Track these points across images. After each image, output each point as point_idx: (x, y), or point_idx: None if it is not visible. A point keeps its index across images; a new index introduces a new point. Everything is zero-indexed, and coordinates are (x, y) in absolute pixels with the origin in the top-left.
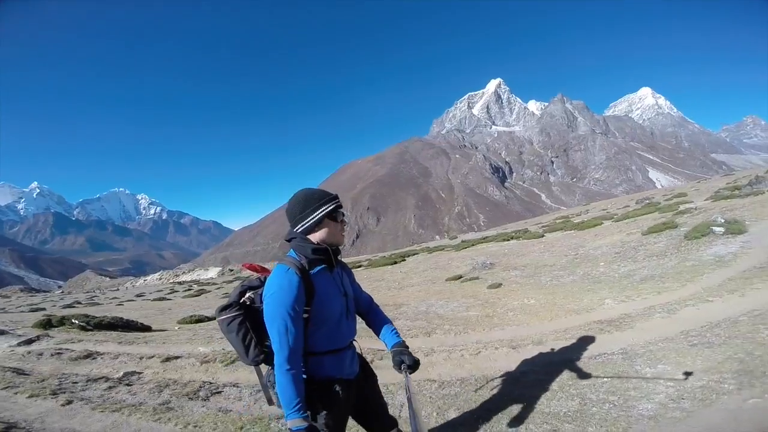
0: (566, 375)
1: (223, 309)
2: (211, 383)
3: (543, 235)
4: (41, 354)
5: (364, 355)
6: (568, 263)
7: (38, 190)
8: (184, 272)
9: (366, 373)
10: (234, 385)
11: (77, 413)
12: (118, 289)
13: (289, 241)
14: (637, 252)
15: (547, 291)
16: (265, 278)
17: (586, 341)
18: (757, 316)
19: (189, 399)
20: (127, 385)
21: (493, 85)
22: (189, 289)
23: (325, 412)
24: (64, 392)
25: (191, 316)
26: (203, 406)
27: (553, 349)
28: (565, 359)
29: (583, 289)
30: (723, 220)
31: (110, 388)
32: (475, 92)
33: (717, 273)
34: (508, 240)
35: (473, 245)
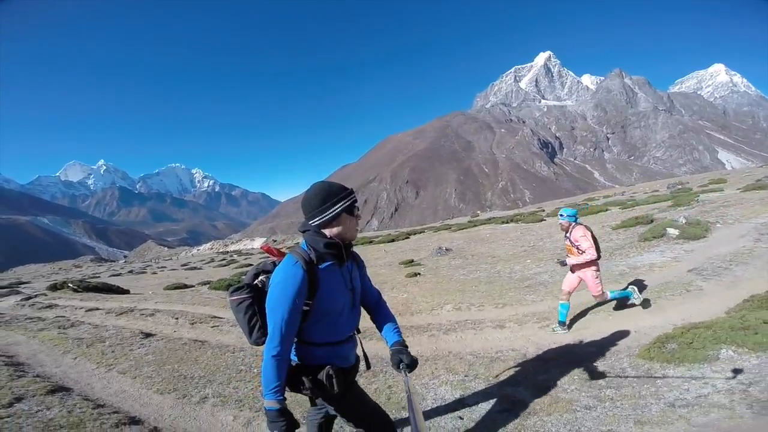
0: None
1: (236, 290)
2: (83, 322)
3: (544, 219)
4: (24, 305)
5: (365, 350)
6: (510, 256)
7: (105, 167)
8: (233, 242)
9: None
10: (94, 326)
11: None
12: (171, 259)
13: (303, 231)
14: None
15: (439, 286)
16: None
17: None
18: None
19: (58, 327)
20: (41, 320)
21: (542, 58)
22: (223, 260)
23: (323, 395)
24: (9, 324)
25: (174, 284)
26: (57, 331)
27: None
28: None
29: (460, 289)
30: (684, 221)
31: (33, 322)
32: (523, 65)
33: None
34: (508, 222)
35: (474, 226)
